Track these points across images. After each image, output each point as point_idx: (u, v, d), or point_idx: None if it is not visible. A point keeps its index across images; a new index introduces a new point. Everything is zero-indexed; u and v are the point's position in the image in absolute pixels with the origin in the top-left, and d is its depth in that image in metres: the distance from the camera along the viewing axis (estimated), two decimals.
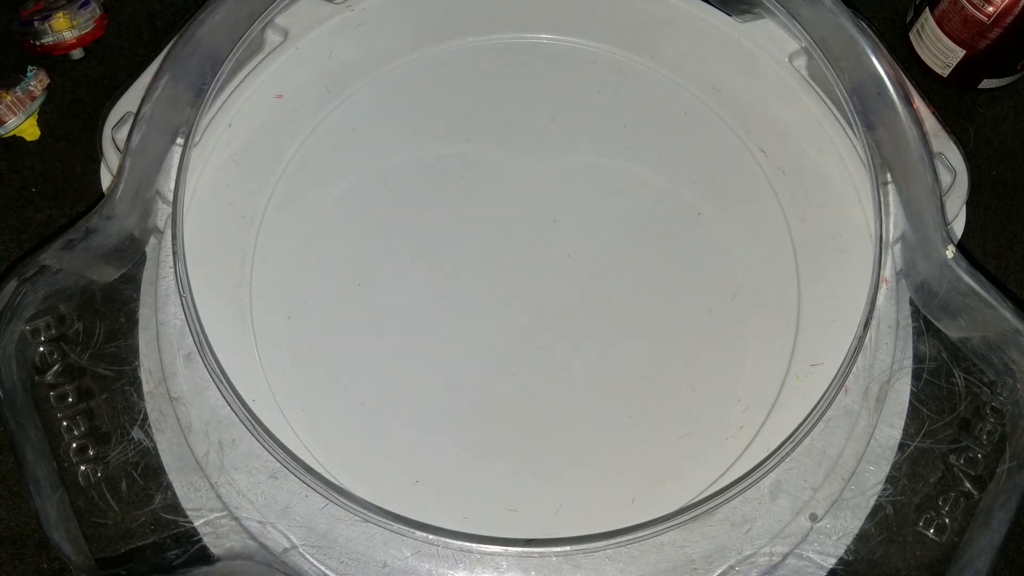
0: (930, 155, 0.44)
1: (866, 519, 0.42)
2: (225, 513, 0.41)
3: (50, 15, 0.51)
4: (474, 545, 0.40)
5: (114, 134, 0.45)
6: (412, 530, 0.41)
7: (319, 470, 0.42)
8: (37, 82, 0.50)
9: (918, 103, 0.46)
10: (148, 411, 0.43)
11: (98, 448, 0.42)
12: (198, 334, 0.43)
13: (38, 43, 0.51)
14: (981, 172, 0.53)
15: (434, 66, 0.51)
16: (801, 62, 0.50)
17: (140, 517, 0.41)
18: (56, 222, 0.51)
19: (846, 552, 0.41)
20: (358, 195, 0.48)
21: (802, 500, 0.42)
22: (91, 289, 0.44)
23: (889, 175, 0.46)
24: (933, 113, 0.47)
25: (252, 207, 0.47)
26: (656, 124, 0.50)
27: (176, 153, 0.45)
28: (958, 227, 0.46)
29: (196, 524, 0.41)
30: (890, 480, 0.42)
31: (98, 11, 0.52)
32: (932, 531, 0.41)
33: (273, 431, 0.42)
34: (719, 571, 0.41)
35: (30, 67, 0.51)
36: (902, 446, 0.43)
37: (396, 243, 0.47)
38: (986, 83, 0.53)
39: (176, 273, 0.43)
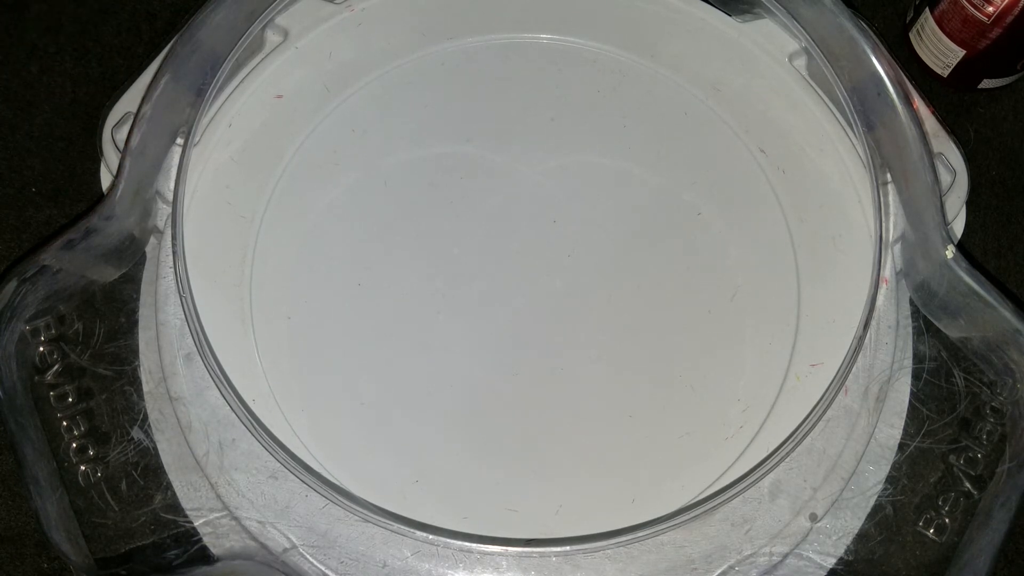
0: (930, 155, 0.44)
1: (866, 519, 0.42)
2: (225, 513, 0.41)
3: None
4: (474, 545, 0.41)
5: (114, 134, 0.45)
6: (412, 530, 0.41)
7: (319, 470, 0.42)
8: None
9: (918, 103, 0.46)
10: (148, 411, 0.43)
11: (98, 448, 0.42)
12: (198, 334, 0.43)
13: None
14: (981, 172, 0.53)
15: (434, 66, 0.51)
16: (801, 62, 0.50)
17: (140, 517, 0.41)
18: (56, 222, 0.51)
19: (846, 552, 0.41)
20: (358, 195, 0.48)
21: (802, 500, 0.42)
22: (91, 289, 0.44)
23: (889, 175, 0.46)
24: (933, 113, 0.47)
25: (252, 207, 0.47)
26: (656, 124, 0.50)
27: (176, 153, 0.45)
28: (958, 227, 0.46)
29: (196, 524, 0.41)
30: (890, 480, 0.42)
31: None
32: (932, 531, 0.41)
33: (273, 431, 0.42)
34: (719, 571, 0.41)
35: None
36: (902, 446, 0.43)
37: (396, 243, 0.47)
38: (986, 83, 0.53)
39: (176, 273, 0.43)
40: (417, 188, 0.48)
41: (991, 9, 0.49)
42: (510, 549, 0.40)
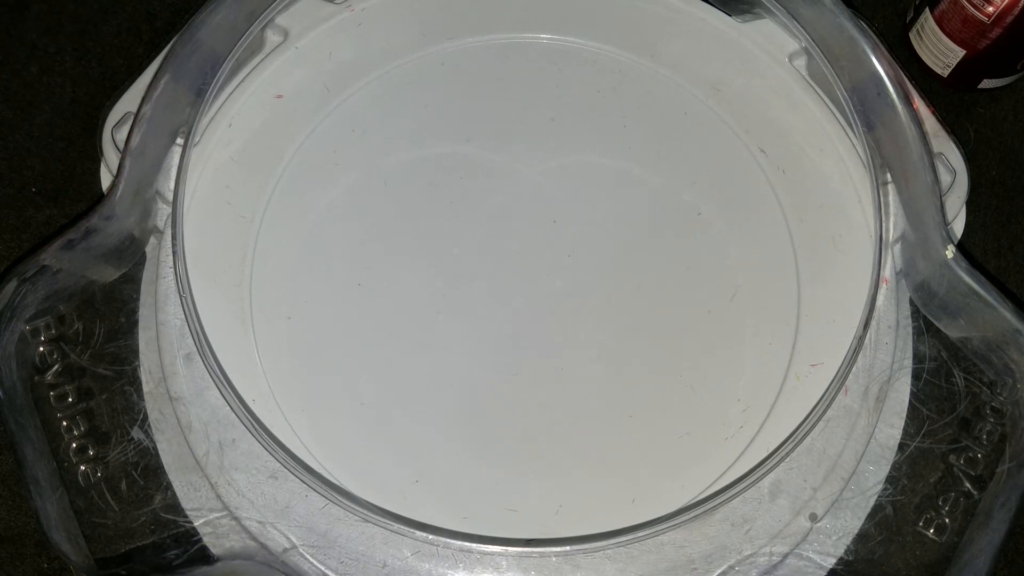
0: (930, 155, 0.44)
1: (866, 519, 0.42)
2: (225, 513, 0.41)
3: None
4: (474, 545, 0.41)
5: (114, 134, 0.45)
6: (412, 530, 0.41)
7: (319, 470, 0.42)
8: None
9: (918, 103, 0.46)
10: (148, 411, 0.43)
11: (98, 448, 0.42)
12: (198, 334, 0.43)
13: None
14: (981, 172, 0.53)
15: (434, 66, 0.51)
16: (801, 62, 0.50)
17: (140, 517, 0.41)
18: (56, 222, 0.51)
19: (846, 552, 0.41)
20: (358, 195, 0.48)
21: (802, 500, 0.42)
22: (91, 289, 0.44)
23: (889, 175, 0.46)
24: (933, 113, 0.47)
25: (252, 207, 0.47)
26: (656, 124, 0.50)
27: (176, 153, 0.45)
28: (958, 227, 0.46)
29: (196, 524, 0.41)
30: (890, 480, 0.42)
31: None
32: (932, 531, 0.41)
33: (273, 431, 0.42)
34: (719, 571, 0.41)
35: None
36: (902, 446, 0.43)
37: (396, 243, 0.47)
38: (986, 83, 0.53)
39: (176, 273, 0.43)
40: (417, 188, 0.48)
41: (991, 9, 0.49)
42: (510, 549, 0.40)
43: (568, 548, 0.40)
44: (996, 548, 0.40)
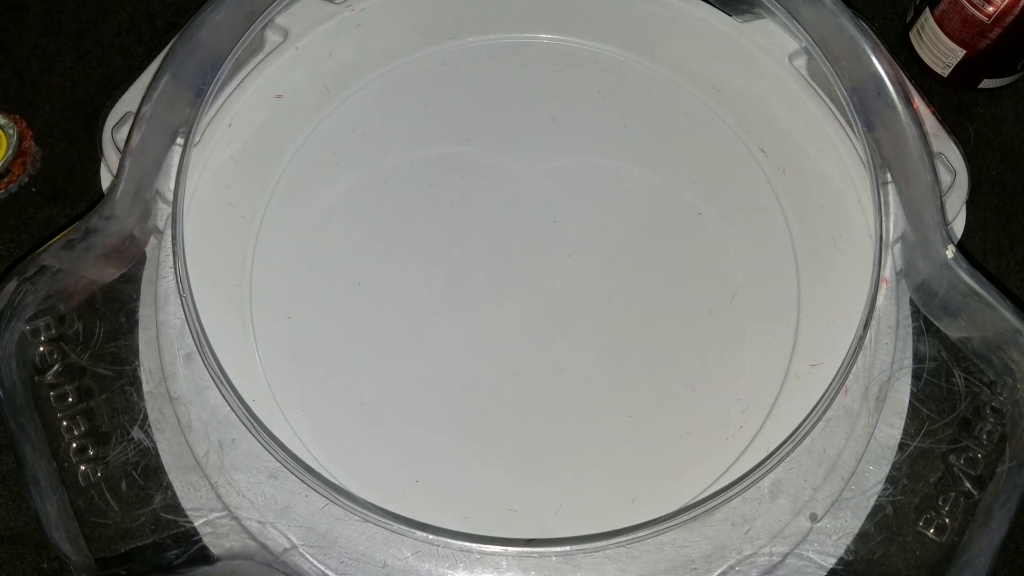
0: (930, 155, 0.44)
1: (866, 519, 0.42)
2: (225, 513, 0.41)
3: None
4: (474, 545, 0.40)
5: (114, 134, 0.45)
6: (412, 530, 0.41)
7: (319, 470, 0.42)
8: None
9: (918, 103, 0.46)
10: (148, 411, 0.43)
11: (98, 448, 0.42)
12: (198, 334, 0.43)
13: None
14: (981, 172, 0.53)
15: (434, 66, 0.51)
16: (801, 62, 0.50)
17: (140, 517, 0.41)
18: (56, 222, 0.51)
19: (846, 552, 0.41)
20: (358, 195, 0.48)
21: (802, 500, 0.42)
22: (91, 289, 0.44)
23: (889, 175, 0.46)
24: (933, 113, 0.47)
25: (252, 207, 0.47)
26: (656, 124, 0.50)
27: (176, 153, 0.45)
28: (958, 227, 0.46)
29: (196, 524, 0.41)
30: (890, 480, 0.42)
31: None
32: (932, 531, 0.41)
33: (273, 431, 0.42)
34: (719, 571, 0.41)
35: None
36: (902, 446, 0.43)
37: (396, 243, 0.47)
38: (986, 83, 0.53)
39: (176, 273, 0.43)
40: (417, 188, 0.48)
41: (991, 9, 0.49)
42: (510, 549, 0.40)
43: (568, 548, 0.40)
44: (996, 548, 0.40)
